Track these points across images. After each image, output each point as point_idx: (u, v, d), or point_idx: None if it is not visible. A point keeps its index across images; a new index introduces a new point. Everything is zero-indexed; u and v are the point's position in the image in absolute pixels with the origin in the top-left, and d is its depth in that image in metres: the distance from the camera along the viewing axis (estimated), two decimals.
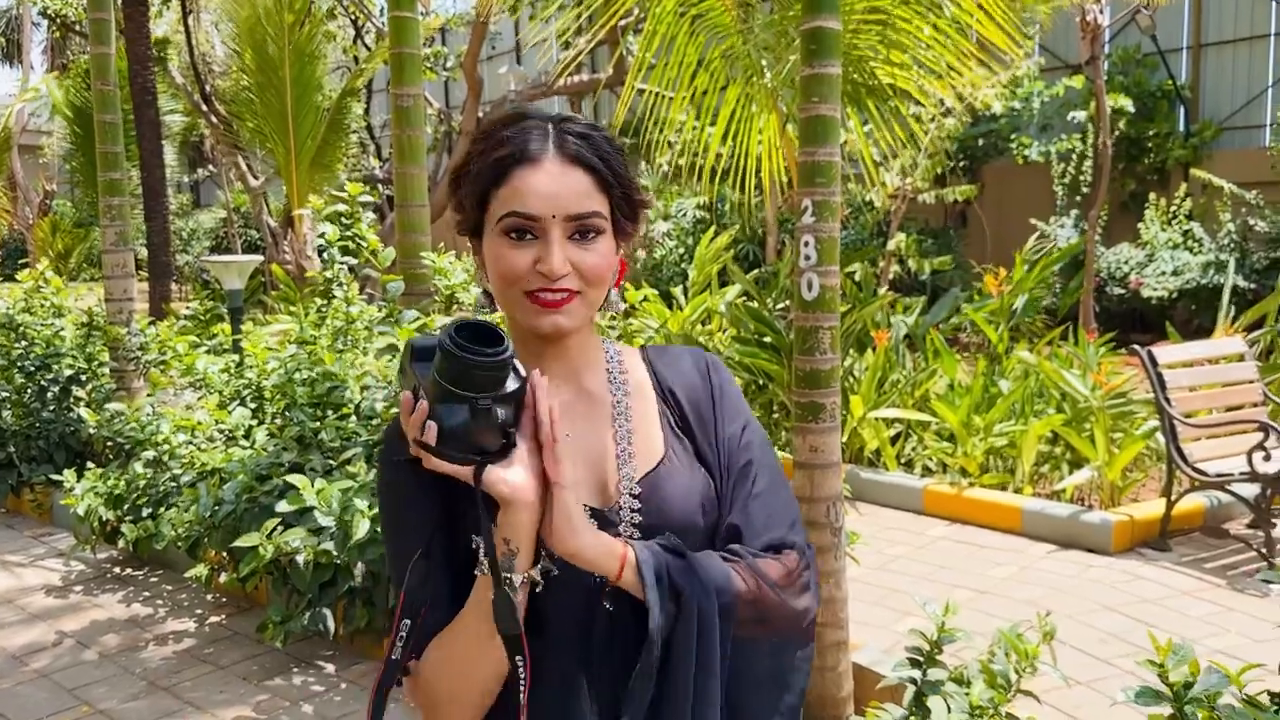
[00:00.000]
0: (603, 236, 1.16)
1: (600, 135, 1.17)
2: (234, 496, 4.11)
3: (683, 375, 1.29)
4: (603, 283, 1.17)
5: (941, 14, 6.23)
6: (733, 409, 1.29)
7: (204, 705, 3.77)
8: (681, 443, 1.25)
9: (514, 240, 1.13)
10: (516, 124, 1.16)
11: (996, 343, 6.96)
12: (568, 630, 1.15)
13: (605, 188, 1.16)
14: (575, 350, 1.22)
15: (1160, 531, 5.06)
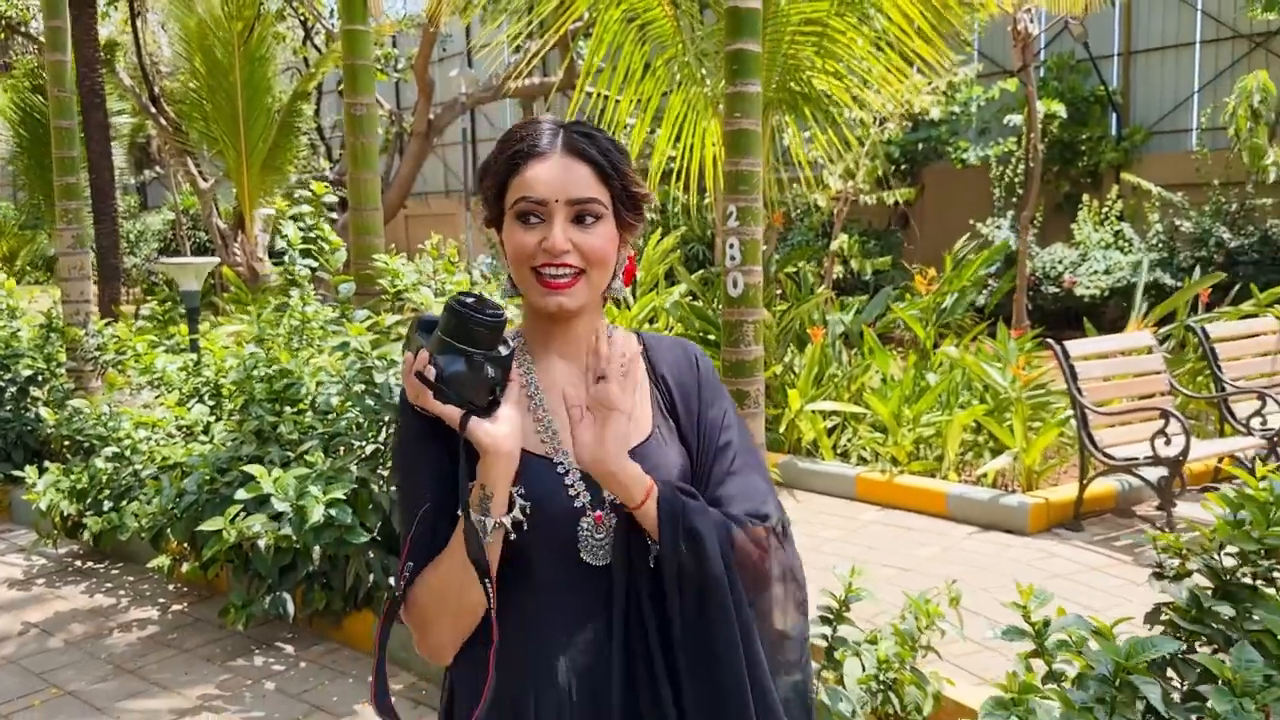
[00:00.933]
0: (602, 222, 1.33)
1: (603, 136, 1.35)
2: (196, 487, 4.30)
3: (673, 363, 1.46)
4: (603, 264, 1.34)
5: (873, 27, 6.57)
6: (715, 396, 1.46)
7: (170, 685, 3.96)
8: (667, 423, 1.42)
9: (524, 223, 1.32)
10: (531, 126, 1.35)
11: (924, 339, 7.32)
12: (553, 582, 1.34)
13: (605, 179, 1.33)
14: (582, 332, 1.39)
15: (1074, 513, 5.41)
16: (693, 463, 1.42)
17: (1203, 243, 12.35)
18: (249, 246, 13.09)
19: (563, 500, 1.33)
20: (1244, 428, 5.68)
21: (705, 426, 1.43)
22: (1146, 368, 5.75)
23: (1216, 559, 2.22)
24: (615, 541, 1.34)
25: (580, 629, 1.34)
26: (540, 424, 1.38)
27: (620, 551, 1.34)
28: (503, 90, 17.00)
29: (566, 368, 1.40)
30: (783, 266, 9.12)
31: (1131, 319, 7.53)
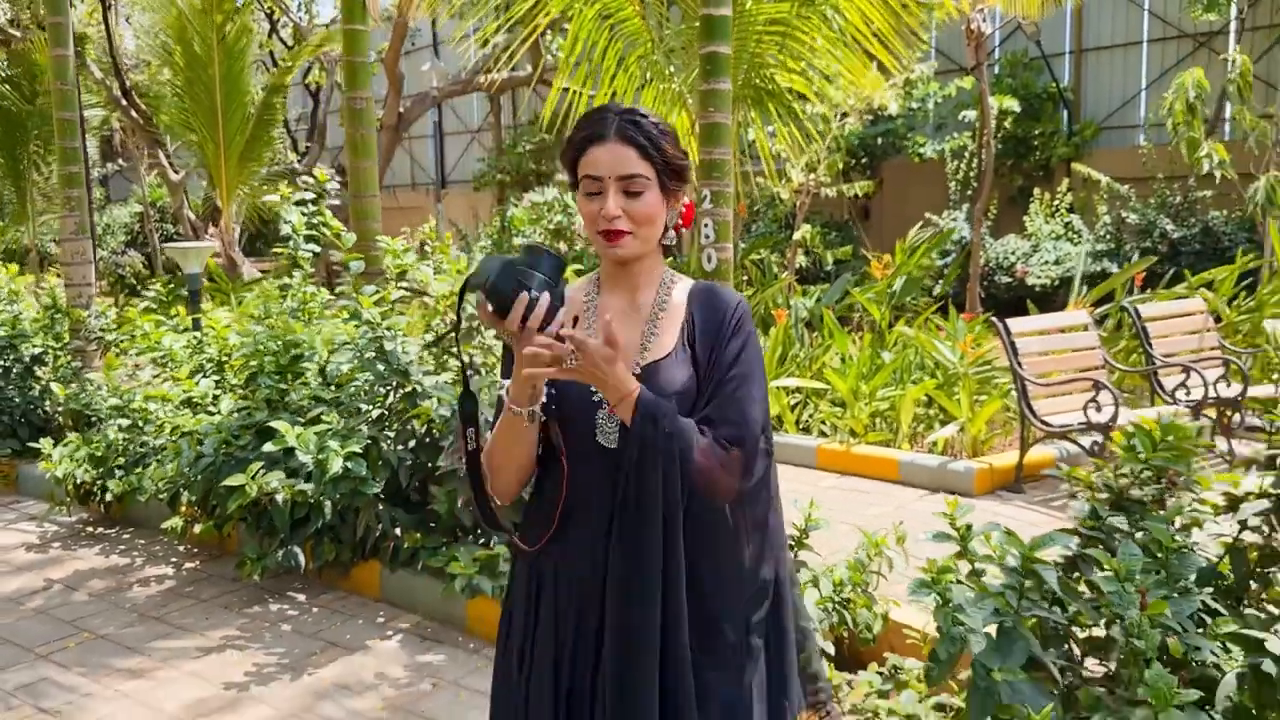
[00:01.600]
0: (648, 191, 1.73)
1: (649, 122, 1.73)
2: (212, 451, 4.67)
3: (707, 306, 1.81)
4: (649, 224, 1.74)
5: (833, 27, 7.03)
6: (737, 335, 1.78)
7: (193, 629, 4.34)
8: (685, 350, 1.79)
9: (589, 196, 1.74)
10: (595, 115, 1.75)
11: (880, 320, 7.81)
12: (579, 454, 1.77)
13: (648, 157, 1.72)
14: (636, 273, 1.82)
15: (1015, 477, 5.91)
16: (699, 387, 1.79)
17: (1148, 234, 12.96)
18: (227, 237, 13.36)
19: (586, 395, 1.76)
20: (1171, 398, 6.20)
21: (718, 356, 1.77)
22: (1082, 344, 6.26)
23: (1112, 479, 2.69)
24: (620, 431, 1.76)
25: (595, 489, 1.78)
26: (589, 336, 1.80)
27: (623, 439, 1.76)
28: (472, 84, 17.36)
29: (621, 300, 1.85)
30: (747, 254, 9.57)
31: (1071, 300, 8.06)
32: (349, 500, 4.22)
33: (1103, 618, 2.53)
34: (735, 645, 1.77)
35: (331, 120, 19.90)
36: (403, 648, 4.07)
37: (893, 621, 3.53)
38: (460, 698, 3.64)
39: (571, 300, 1.84)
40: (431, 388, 4.13)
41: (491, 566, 3.95)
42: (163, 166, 16.22)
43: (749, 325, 1.84)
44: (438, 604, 4.20)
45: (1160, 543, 2.55)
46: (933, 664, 2.30)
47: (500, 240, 15.31)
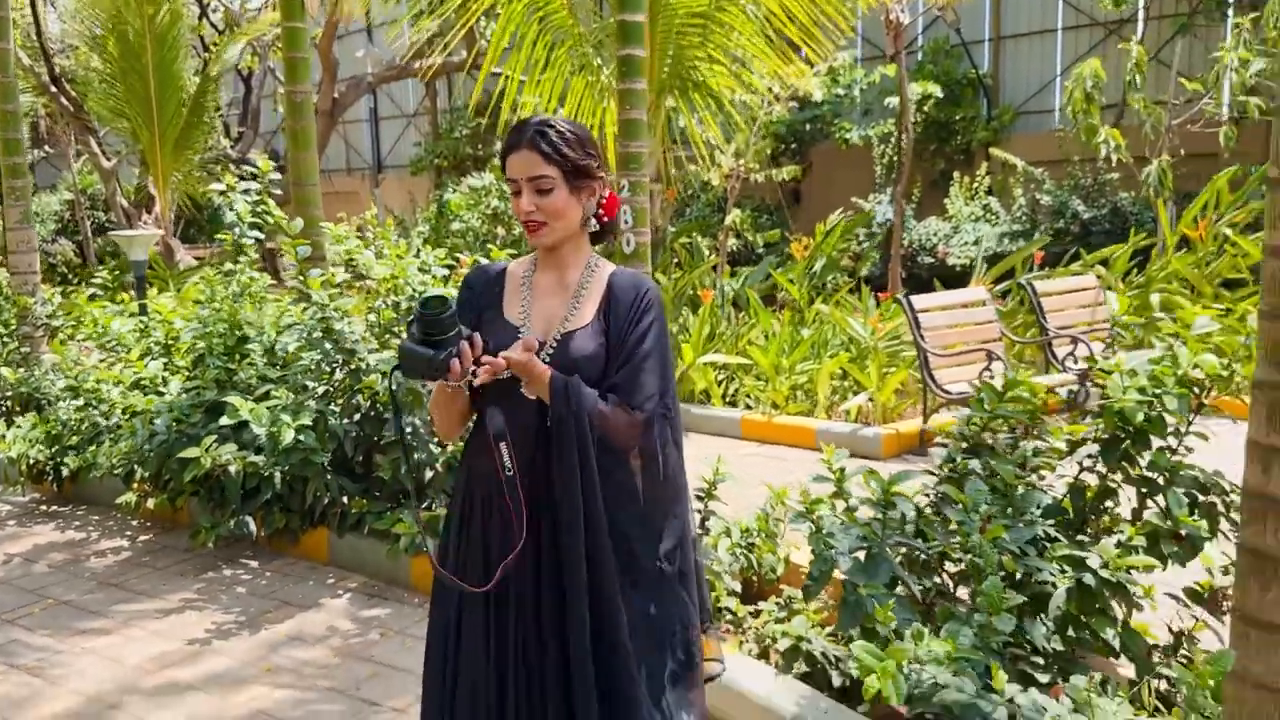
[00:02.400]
0: (555, 190, 2.07)
1: (556, 131, 2.06)
2: (165, 428, 4.95)
3: (623, 287, 2.15)
4: (558, 216, 2.09)
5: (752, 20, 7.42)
6: (647, 315, 2.12)
7: (152, 593, 4.63)
8: (600, 322, 2.13)
9: (514, 195, 2.11)
10: (517, 126, 2.10)
11: (800, 299, 8.26)
12: (507, 404, 2.12)
13: (553, 161, 2.06)
14: (564, 255, 2.17)
15: (919, 440, 6.39)
16: (608, 355, 2.16)
17: (1060, 214, 13.58)
18: (163, 225, 13.43)
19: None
20: (1061, 366, 6.73)
21: (629, 334, 2.11)
22: (981, 318, 6.77)
23: (967, 429, 3.12)
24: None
25: (522, 433, 2.15)
26: (523, 308, 2.18)
27: None
28: (407, 70, 17.49)
29: (552, 278, 2.22)
30: (677, 237, 9.96)
31: (974, 277, 8.59)
32: (299, 470, 4.54)
33: (964, 549, 2.97)
34: (649, 571, 2.15)
35: (265, 105, 19.92)
36: (351, 604, 4.41)
37: (793, 563, 3.94)
38: (406, 644, 3.99)
39: (513, 275, 2.22)
40: (377, 364, 4.46)
41: (434, 527, 4.30)
42: (93, 153, 16.14)
43: (656, 309, 2.21)
44: (383, 564, 4.55)
45: (1006, 481, 3.00)
46: (809, 581, 2.72)
47: (438, 225, 15.51)
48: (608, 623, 2.09)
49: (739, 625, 3.56)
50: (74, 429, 5.59)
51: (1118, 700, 2.36)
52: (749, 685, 3.03)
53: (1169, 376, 2.82)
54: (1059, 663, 2.75)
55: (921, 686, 2.26)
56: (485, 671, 2.17)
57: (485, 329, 2.17)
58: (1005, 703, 2.29)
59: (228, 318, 5.22)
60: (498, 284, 2.25)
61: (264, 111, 19.91)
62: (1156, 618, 3.05)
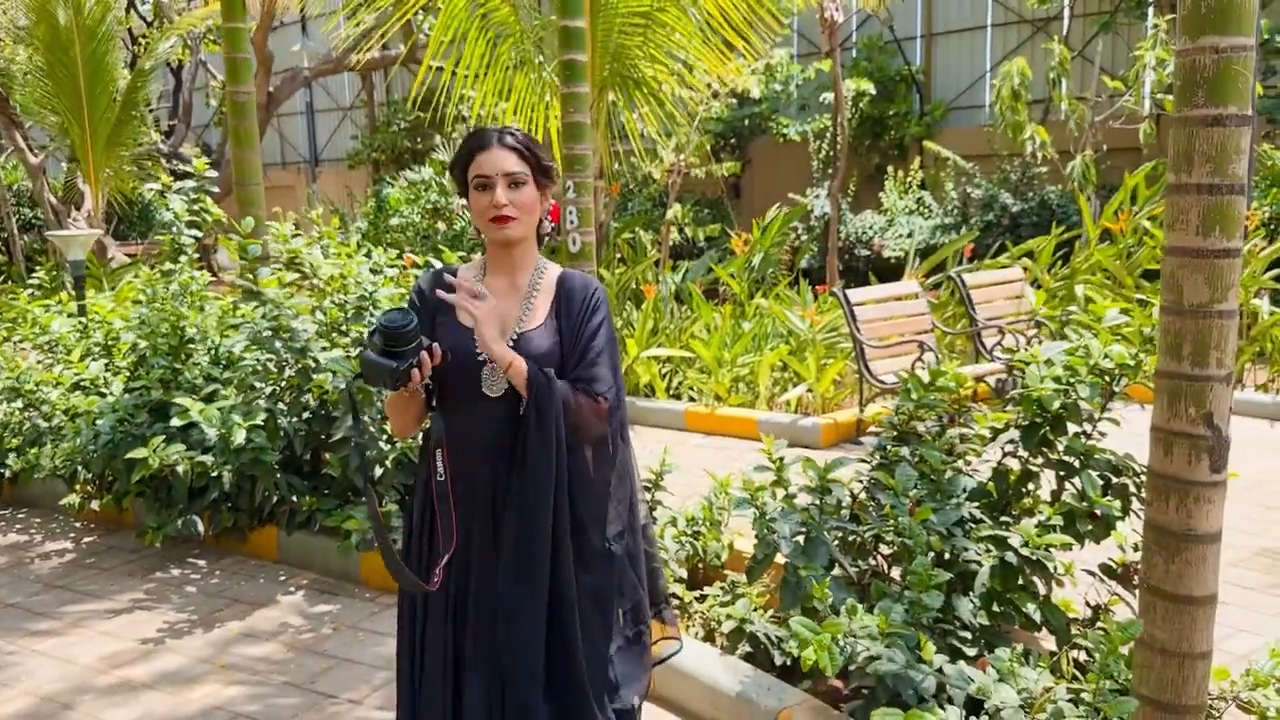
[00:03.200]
0: (526, 185, 2.19)
1: (520, 134, 2.21)
2: (109, 428, 4.95)
3: (572, 288, 2.28)
4: (530, 211, 2.21)
5: (691, 20, 7.56)
6: (595, 314, 2.26)
7: (100, 595, 4.64)
8: (553, 321, 2.25)
9: (479, 190, 2.19)
10: (478, 134, 2.21)
11: (739, 293, 8.44)
12: (467, 405, 2.24)
13: (524, 159, 2.19)
14: (516, 258, 2.27)
15: (856, 429, 6.59)
16: (563, 352, 2.27)
17: (990, 207, 13.96)
18: (95, 222, 13.20)
19: (471, 354, 2.24)
20: (990, 355, 6.98)
21: (582, 331, 2.27)
22: (914, 310, 6.99)
23: (895, 417, 3.29)
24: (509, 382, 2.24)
25: (484, 434, 2.25)
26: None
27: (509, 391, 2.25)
28: (344, 63, 17.35)
29: (502, 281, 2.31)
30: (620, 233, 10.08)
31: (907, 270, 8.84)
32: (249, 469, 4.58)
33: (897, 533, 3.13)
34: (600, 551, 2.28)
35: (197, 99, 19.62)
36: (303, 600, 4.47)
37: (737, 550, 4.09)
38: (359, 638, 4.06)
39: (464, 279, 2.32)
40: (327, 362, 4.51)
41: (384, 523, 4.37)
42: (19, 149, 15.78)
43: (604, 307, 2.36)
44: (334, 560, 4.61)
45: (932, 466, 3.17)
46: (752, 564, 2.86)
47: (377, 220, 15.44)
48: (563, 603, 2.21)
49: (685, 610, 3.69)
50: (15, 430, 5.55)
51: (1039, 670, 2.53)
52: (695, 666, 3.17)
53: (1082, 366, 3.01)
54: (985, 636, 2.93)
55: (856, 660, 2.41)
56: (443, 660, 2.28)
57: (440, 332, 2.28)
58: (934, 673, 2.45)
59: (169, 318, 5.22)
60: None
61: (195, 105, 19.59)
62: (1076, 593, 3.25)
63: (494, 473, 2.24)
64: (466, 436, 2.26)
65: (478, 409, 2.25)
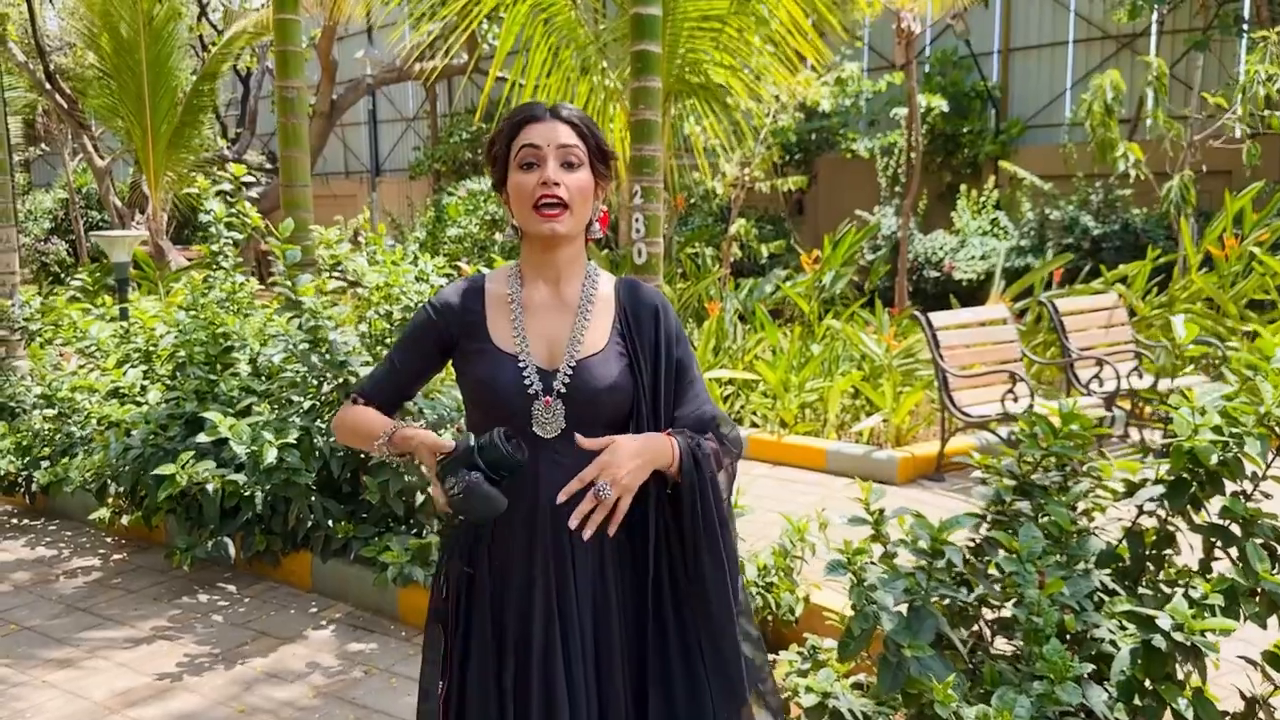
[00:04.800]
0: (583, 167, 1.82)
1: (578, 112, 1.85)
2: (140, 442, 4.64)
3: (636, 302, 1.91)
4: (584, 200, 1.82)
5: (768, 26, 7.16)
6: (680, 340, 1.92)
7: (123, 620, 4.32)
8: (621, 344, 1.87)
9: (525, 169, 1.80)
10: (526, 105, 1.86)
11: (809, 313, 7.97)
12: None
13: (581, 136, 1.83)
14: (563, 264, 1.87)
15: (936, 465, 6.10)
16: (637, 383, 1.86)
17: (1070, 230, 13.33)
18: (155, 225, 13.11)
19: (519, 386, 1.83)
20: (1086, 390, 6.44)
21: (669, 355, 1.89)
22: (1001, 337, 6.48)
23: (1017, 465, 2.83)
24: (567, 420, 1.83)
25: (534, 489, 1.83)
26: (515, 330, 1.87)
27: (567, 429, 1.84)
28: (407, 72, 17.23)
29: (546, 293, 1.90)
30: (683, 248, 9.68)
31: (992, 294, 8.31)
32: (281, 490, 4.24)
33: (1008, 598, 2.67)
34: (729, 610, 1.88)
35: (263, 106, 19.65)
36: (335, 636, 4.10)
37: (813, 604, 3.65)
38: (392, 684, 3.68)
39: (493, 292, 1.92)
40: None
41: (424, 555, 4.00)
42: (88, 152, 15.86)
43: (675, 316, 1.97)
44: (369, 593, 4.24)
45: (1060, 526, 2.70)
46: (847, 639, 2.42)
47: (435, 230, 15.23)
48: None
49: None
50: (46, 439, 5.28)
51: None
52: None
53: (1248, 415, 2.53)
54: None
55: None
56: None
57: (470, 361, 1.88)
58: None
59: (209, 325, 4.92)
60: (475, 304, 1.92)
61: (261, 112, 19.63)
62: (1222, 679, 2.76)
63: (550, 547, 1.83)
64: (510, 493, 1.85)
65: (550, 470, 1.84)
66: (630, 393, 1.87)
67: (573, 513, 1.78)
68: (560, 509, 1.82)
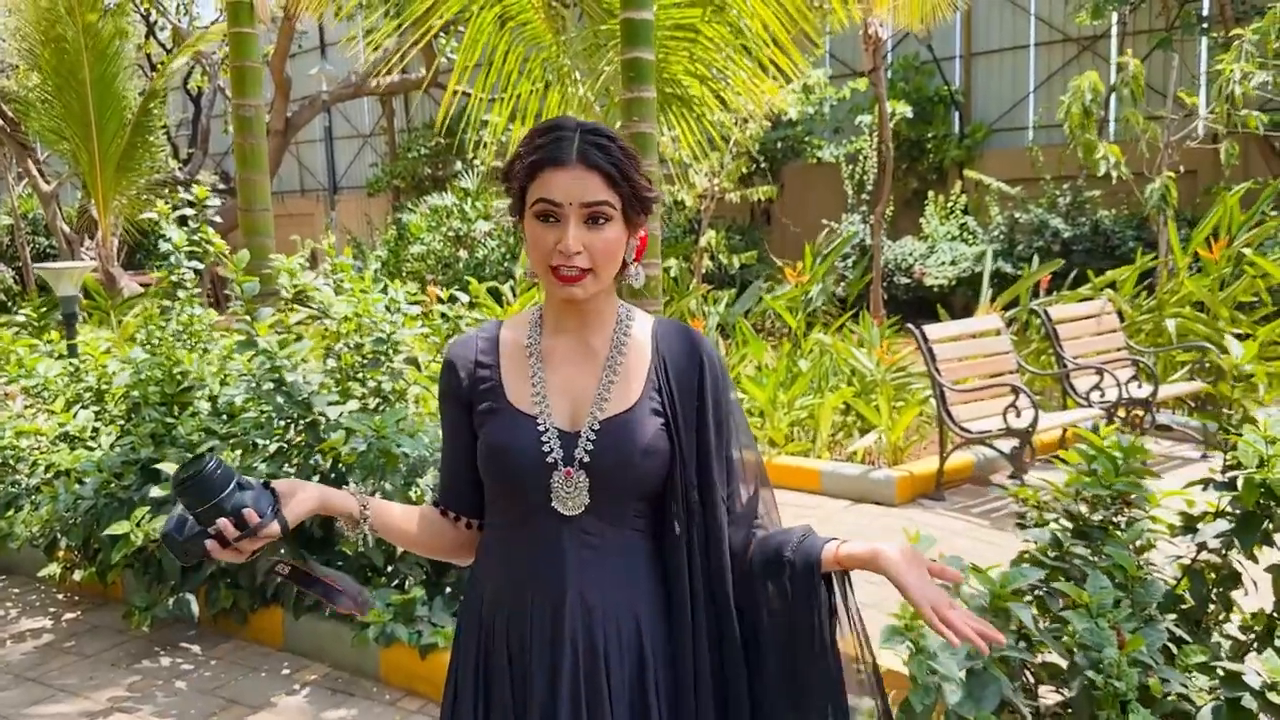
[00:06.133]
0: (611, 223, 1.50)
1: (616, 144, 1.50)
2: (92, 493, 4.27)
3: (676, 351, 1.61)
4: (611, 260, 1.53)
5: (745, 36, 6.92)
6: (725, 388, 1.63)
7: (76, 690, 3.94)
8: (657, 398, 1.57)
9: (542, 222, 1.49)
10: (552, 133, 1.50)
11: (795, 328, 7.72)
12: (530, 524, 1.58)
13: (615, 185, 1.49)
14: (589, 311, 1.59)
15: (935, 484, 5.86)
16: (675, 448, 1.56)
17: (1040, 233, 13.24)
18: (105, 251, 12.63)
19: (537, 454, 1.54)
20: (1085, 401, 6.24)
21: (720, 424, 1.61)
22: (996, 348, 6.26)
23: (1075, 506, 2.57)
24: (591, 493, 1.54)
25: (550, 572, 1.55)
26: (534, 388, 1.58)
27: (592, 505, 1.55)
28: (363, 88, 16.86)
29: (570, 342, 1.61)
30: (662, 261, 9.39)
31: (981, 304, 8.12)
32: None
33: (1065, 648, 2.41)
34: None
35: (215, 125, 19.16)
36: (310, 703, 3.76)
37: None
38: None
39: (509, 341, 1.64)
40: (342, 418, 3.81)
41: (408, 611, 3.68)
42: (32, 176, 15.31)
43: (721, 362, 1.67)
44: (348, 653, 3.90)
45: (1123, 568, 2.45)
46: (905, 716, 2.14)
47: (397, 248, 14.85)
48: None
49: None
50: None
51: None
52: None
53: None
54: None
55: None
56: None
57: (484, 424, 1.60)
58: None
59: (165, 363, 4.56)
60: (489, 356, 1.63)
61: (214, 132, 19.16)
62: None
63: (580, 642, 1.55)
64: (520, 571, 1.58)
65: (543, 534, 1.57)
66: (666, 457, 1.57)
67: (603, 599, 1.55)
68: (592, 600, 1.53)
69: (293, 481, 1.58)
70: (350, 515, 1.62)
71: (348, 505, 1.61)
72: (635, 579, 1.59)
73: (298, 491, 1.56)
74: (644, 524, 1.61)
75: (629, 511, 1.59)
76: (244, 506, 1.49)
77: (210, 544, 1.48)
